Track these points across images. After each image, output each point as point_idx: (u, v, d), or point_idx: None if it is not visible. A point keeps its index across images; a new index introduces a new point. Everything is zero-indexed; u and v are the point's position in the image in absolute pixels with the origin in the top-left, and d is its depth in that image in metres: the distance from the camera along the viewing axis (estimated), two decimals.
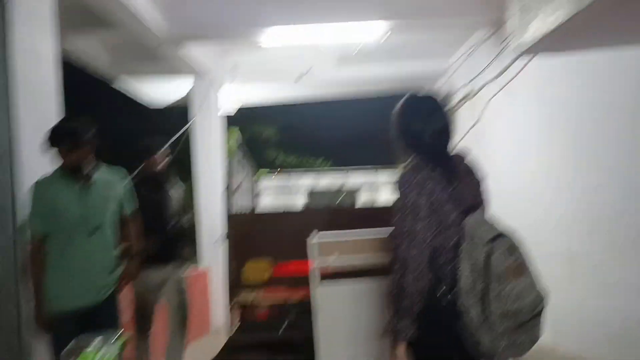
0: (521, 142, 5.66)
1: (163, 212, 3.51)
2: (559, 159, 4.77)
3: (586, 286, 4.33)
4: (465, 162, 2.10)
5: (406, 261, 1.79)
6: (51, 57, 3.23)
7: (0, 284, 2.67)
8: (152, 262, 3.28)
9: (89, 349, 1.64)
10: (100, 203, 2.68)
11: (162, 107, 8.72)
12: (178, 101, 8.35)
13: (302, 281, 3.51)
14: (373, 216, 2.55)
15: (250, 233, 3.74)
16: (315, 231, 2.60)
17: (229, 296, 3.69)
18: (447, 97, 8.20)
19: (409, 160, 2.05)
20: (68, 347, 1.67)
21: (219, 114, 7.68)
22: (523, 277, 1.79)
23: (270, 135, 19.05)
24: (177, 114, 8.60)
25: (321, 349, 2.52)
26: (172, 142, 8.92)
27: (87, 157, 2.65)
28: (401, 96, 2.15)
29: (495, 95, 5.99)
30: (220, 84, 7.61)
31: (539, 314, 1.81)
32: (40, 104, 3.10)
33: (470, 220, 1.85)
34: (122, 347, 1.71)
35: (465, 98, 7.44)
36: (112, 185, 2.80)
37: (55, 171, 2.67)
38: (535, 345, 5.12)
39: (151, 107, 8.65)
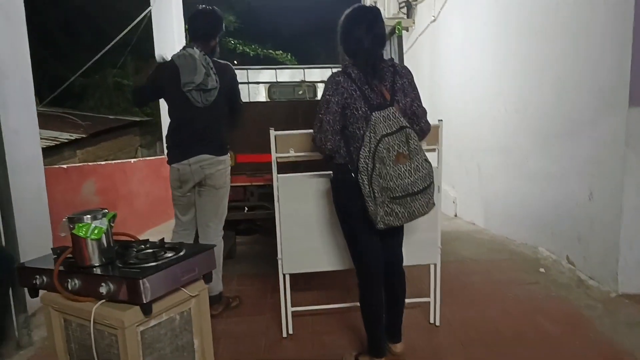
0: (472, 42, 5.89)
1: None
2: (502, 63, 5.07)
3: (514, 175, 4.86)
4: (393, 65, 2.45)
5: (324, 130, 2.36)
6: None
7: None
8: None
9: (83, 222, 1.94)
10: None
11: None
12: None
13: (262, 168, 3.89)
14: None
15: None
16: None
17: None
18: None
19: (347, 61, 2.44)
20: (62, 222, 1.96)
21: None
22: (408, 164, 2.23)
23: (229, 22, 18.42)
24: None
25: (282, 227, 2.91)
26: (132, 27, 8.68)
27: None
28: None
29: None
30: None
31: (414, 193, 2.26)
32: None
33: (376, 115, 2.27)
34: (112, 219, 2.01)
35: None
36: None
37: None
38: (470, 225, 5.75)
39: None
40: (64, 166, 4.38)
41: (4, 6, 3.22)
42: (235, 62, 5.88)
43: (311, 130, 2.47)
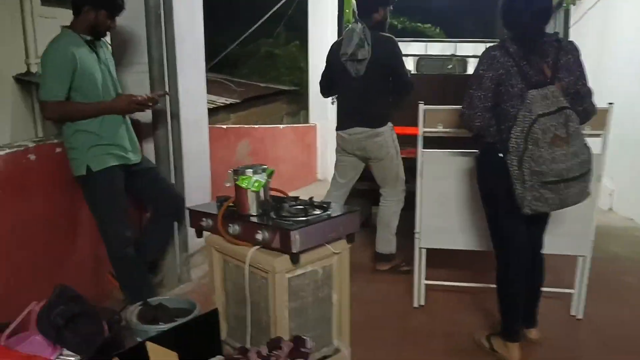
0: None
1: None
2: None
3: None
4: (557, 40, 2.28)
5: (474, 106, 2.31)
6: None
7: None
8: None
9: (245, 175, 2.15)
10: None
11: None
12: None
13: (406, 141, 3.91)
14: None
15: None
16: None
17: None
18: None
19: (507, 35, 2.32)
20: (230, 172, 2.19)
21: None
22: (565, 147, 2.07)
23: None
24: None
25: (422, 202, 2.93)
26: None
27: None
28: None
29: None
30: None
31: (568, 180, 2.10)
32: None
33: (533, 93, 2.12)
34: (270, 175, 2.20)
35: None
36: None
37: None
38: (627, 221, 5.24)
39: None
40: (224, 126, 4.80)
41: None
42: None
43: (461, 107, 2.42)
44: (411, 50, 5.47)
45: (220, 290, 2.36)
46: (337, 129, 3.55)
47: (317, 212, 2.15)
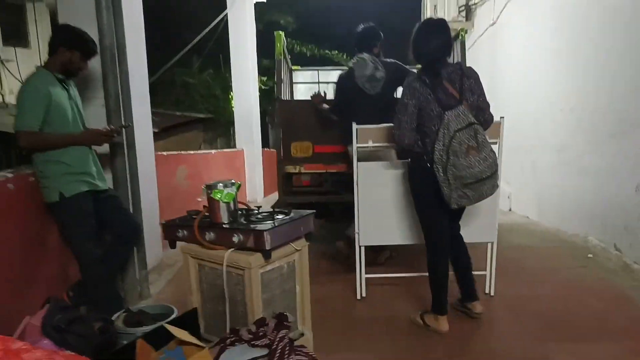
0: (534, 45, 6.21)
1: None
2: (561, 65, 5.39)
3: (568, 171, 5.19)
4: (460, 68, 2.88)
5: (402, 128, 2.87)
6: None
7: None
8: None
9: (218, 188, 2.51)
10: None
11: None
12: None
13: (335, 158, 4.45)
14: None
15: (294, 119, 4.57)
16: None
17: (278, 168, 4.61)
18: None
19: (419, 66, 2.94)
20: (204, 187, 2.54)
21: (250, 2, 8.21)
22: (477, 155, 2.66)
23: (288, 24, 19.16)
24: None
25: (359, 206, 3.43)
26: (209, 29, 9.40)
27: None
28: None
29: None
30: None
31: (483, 180, 2.70)
32: None
33: (448, 114, 2.71)
34: (238, 188, 2.58)
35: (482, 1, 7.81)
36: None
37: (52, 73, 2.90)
38: (524, 219, 6.09)
39: None
40: (164, 153, 5.06)
41: (129, 16, 3.84)
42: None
43: (388, 125, 2.96)
44: (331, 78, 6.07)
45: (195, 292, 2.69)
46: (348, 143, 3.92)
47: (280, 216, 2.57)
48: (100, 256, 3.01)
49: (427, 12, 8.73)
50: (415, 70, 3.32)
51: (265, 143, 9.13)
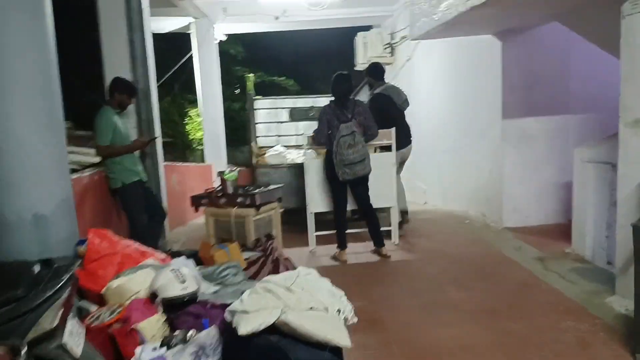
0: (430, 78, 8.35)
1: None
2: (446, 94, 7.52)
3: (456, 166, 7.26)
4: (356, 101, 4.88)
5: (319, 133, 4.81)
6: None
7: None
8: None
9: (225, 173, 4.29)
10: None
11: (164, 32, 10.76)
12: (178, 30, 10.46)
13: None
14: None
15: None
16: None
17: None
18: (392, 34, 10.68)
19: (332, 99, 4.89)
20: (218, 172, 4.30)
21: (215, 43, 10.05)
22: (353, 149, 4.57)
23: (238, 52, 20.98)
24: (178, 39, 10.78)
25: (308, 187, 5.28)
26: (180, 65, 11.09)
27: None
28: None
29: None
30: (214, 22, 9.87)
31: (355, 163, 4.60)
32: None
33: (341, 126, 4.65)
34: (237, 174, 4.38)
35: (403, 38, 9.96)
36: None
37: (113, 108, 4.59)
38: (433, 207, 8.17)
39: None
40: (165, 163, 6.77)
41: (152, 68, 5.58)
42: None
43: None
44: (285, 104, 7.99)
45: (213, 237, 4.46)
46: (397, 148, 5.41)
47: (263, 188, 4.41)
48: (147, 224, 4.71)
49: (360, 48, 10.76)
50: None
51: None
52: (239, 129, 14.81)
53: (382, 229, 5.28)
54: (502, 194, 5.70)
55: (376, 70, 6.00)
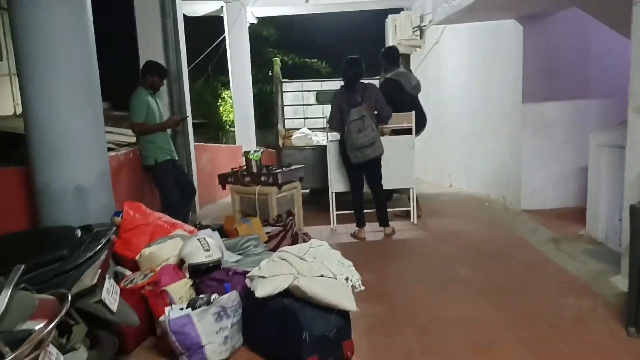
0: (455, 63, 8.39)
1: None
2: (469, 80, 7.56)
3: (479, 151, 7.34)
4: (365, 85, 4.96)
5: (331, 119, 4.96)
6: None
7: None
8: None
9: (250, 153, 4.55)
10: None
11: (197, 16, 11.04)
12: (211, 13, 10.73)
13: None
14: None
15: None
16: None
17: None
18: (421, 16, 10.70)
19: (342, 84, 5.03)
20: (244, 152, 4.57)
21: (246, 26, 10.29)
22: (363, 133, 4.69)
23: (270, 34, 21.14)
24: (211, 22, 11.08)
25: (331, 168, 5.49)
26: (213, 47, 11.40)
27: None
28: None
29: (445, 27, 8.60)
30: (246, 5, 10.09)
31: (366, 146, 4.72)
32: None
33: (351, 110, 4.77)
34: (261, 153, 4.63)
35: (430, 22, 9.97)
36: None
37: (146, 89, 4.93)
38: (458, 190, 8.31)
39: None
40: (196, 144, 7.11)
41: (183, 52, 5.86)
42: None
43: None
44: (312, 87, 8.17)
45: (238, 213, 4.75)
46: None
47: (285, 168, 4.66)
48: (178, 200, 5.03)
49: (390, 31, 10.82)
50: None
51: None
52: (269, 112, 15.13)
53: (401, 209, 5.49)
54: (521, 178, 5.79)
55: (389, 54, 5.98)
